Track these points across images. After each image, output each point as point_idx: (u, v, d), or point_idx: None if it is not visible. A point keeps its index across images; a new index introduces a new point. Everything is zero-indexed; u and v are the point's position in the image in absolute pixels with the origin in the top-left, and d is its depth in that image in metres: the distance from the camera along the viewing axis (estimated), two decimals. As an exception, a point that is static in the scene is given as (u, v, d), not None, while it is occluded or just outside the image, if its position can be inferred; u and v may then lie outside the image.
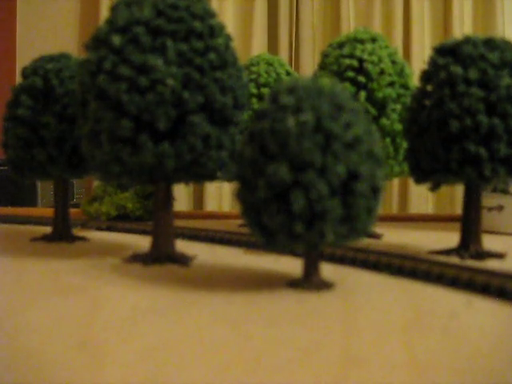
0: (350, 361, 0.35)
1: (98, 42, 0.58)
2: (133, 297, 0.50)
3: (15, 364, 0.34)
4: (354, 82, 0.82)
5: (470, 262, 0.65)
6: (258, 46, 1.86)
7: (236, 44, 0.64)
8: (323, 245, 0.49)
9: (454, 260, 0.66)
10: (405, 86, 0.84)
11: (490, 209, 0.94)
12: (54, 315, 0.44)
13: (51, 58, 0.75)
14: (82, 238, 0.81)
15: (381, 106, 0.82)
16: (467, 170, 0.63)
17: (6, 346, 0.37)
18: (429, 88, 0.67)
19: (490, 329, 0.43)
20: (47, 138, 0.71)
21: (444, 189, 0.76)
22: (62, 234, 0.79)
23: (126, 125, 0.56)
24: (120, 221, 1.01)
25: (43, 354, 0.35)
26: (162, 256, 0.63)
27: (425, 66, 0.69)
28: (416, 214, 1.58)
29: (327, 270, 0.58)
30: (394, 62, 0.84)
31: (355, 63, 0.82)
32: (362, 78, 0.81)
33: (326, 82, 0.49)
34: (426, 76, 0.68)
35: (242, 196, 0.50)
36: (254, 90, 0.93)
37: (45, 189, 1.53)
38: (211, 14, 0.61)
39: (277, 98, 0.49)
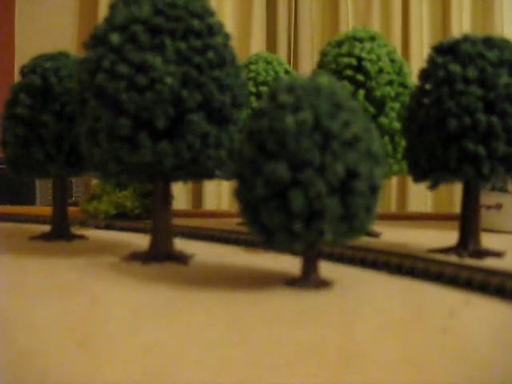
0: (348, 359, 0.35)
1: (96, 41, 0.58)
2: (132, 295, 0.50)
3: (14, 363, 0.34)
4: (352, 80, 0.82)
5: (469, 261, 0.65)
6: (257, 44, 1.85)
7: (234, 42, 0.64)
8: (322, 243, 0.49)
9: (453, 258, 0.66)
10: (403, 85, 0.84)
11: (489, 207, 0.94)
12: (52, 314, 0.44)
13: (50, 57, 0.75)
14: (81, 237, 0.81)
15: (379, 105, 0.82)
16: (466, 169, 0.63)
17: (5, 344, 0.37)
18: (427, 86, 0.67)
19: (489, 327, 0.43)
20: (46, 137, 0.71)
21: (443, 187, 0.76)
22: (60, 233, 0.79)
23: (124, 123, 0.56)
24: (119, 219, 1.01)
25: (42, 352, 0.35)
26: (160, 254, 0.63)
27: (423, 65, 0.69)
28: (415, 212, 1.58)
29: (326, 268, 0.58)
30: (392, 61, 0.84)
31: (354, 62, 0.82)
32: (360, 77, 0.81)
33: (325, 80, 0.49)
34: (424, 74, 0.68)
35: (240, 194, 0.50)
36: (253, 89, 0.93)
37: (43, 187, 1.52)
38: (210, 13, 0.61)
39: (275, 96, 0.49)
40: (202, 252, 0.70)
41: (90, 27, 0.65)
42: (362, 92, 0.81)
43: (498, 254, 0.68)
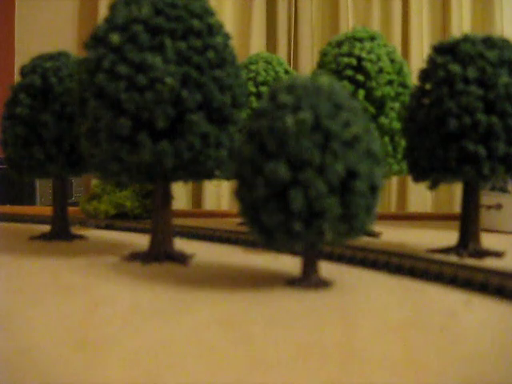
0: (348, 359, 0.35)
1: (96, 41, 0.58)
2: (132, 295, 0.50)
3: (14, 363, 0.34)
4: (352, 80, 0.82)
5: (469, 261, 0.65)
6: (257, 44, 1.85)
7: (234, 42, 0.64)
8: (322, 243, 0.49)
9: (453, 258, 0.66)
10: (403, 85, 0.84)
11: (489, 207, 0.94)
12: (53, 314, 0.44)
13: (50, 57, 0.75)
14: (81, 237, 0.81)
15: (379, 105, 0.82)
16: (466, 169, 0.63)
17: (5, 344, 0.37)
18: (427, 86, 0.67)
19: (489, 327, 0.43)
20: (46, 137, 0.71)
21: (443, 187, 0.76)
22: (60, 233, 0.79)
23: (124, 123, 0.56)
24: (119, 219, 1.01)
25: (42, 352, 0.35)
26: (160, 254, 0.63)
27: (423, 65, 0.69)
28: (415, 212, 1.58)
29: (326, 268, 0.58)
30: (392, 61, 0.84)
31: (354, 62, 0.82)
32: (360, 77, 0.81)
33: (325, 80, 0.49)
34: (424, 74, 0.68)
35: (240, 194, 0.50)
36: (253, 89, 0.93)
37: (43, 187, 1.52)
38: (210, 13, 0.61)
39: (275, 96, 0.49)
40: (202, 252, 0.70)
41: (90, 27, 0.65)
42: (361, 92, 0.81)
43: (498, 254, 0.68)
